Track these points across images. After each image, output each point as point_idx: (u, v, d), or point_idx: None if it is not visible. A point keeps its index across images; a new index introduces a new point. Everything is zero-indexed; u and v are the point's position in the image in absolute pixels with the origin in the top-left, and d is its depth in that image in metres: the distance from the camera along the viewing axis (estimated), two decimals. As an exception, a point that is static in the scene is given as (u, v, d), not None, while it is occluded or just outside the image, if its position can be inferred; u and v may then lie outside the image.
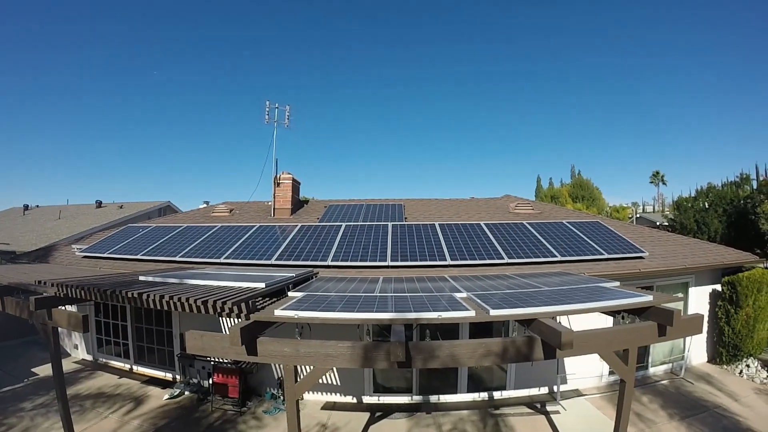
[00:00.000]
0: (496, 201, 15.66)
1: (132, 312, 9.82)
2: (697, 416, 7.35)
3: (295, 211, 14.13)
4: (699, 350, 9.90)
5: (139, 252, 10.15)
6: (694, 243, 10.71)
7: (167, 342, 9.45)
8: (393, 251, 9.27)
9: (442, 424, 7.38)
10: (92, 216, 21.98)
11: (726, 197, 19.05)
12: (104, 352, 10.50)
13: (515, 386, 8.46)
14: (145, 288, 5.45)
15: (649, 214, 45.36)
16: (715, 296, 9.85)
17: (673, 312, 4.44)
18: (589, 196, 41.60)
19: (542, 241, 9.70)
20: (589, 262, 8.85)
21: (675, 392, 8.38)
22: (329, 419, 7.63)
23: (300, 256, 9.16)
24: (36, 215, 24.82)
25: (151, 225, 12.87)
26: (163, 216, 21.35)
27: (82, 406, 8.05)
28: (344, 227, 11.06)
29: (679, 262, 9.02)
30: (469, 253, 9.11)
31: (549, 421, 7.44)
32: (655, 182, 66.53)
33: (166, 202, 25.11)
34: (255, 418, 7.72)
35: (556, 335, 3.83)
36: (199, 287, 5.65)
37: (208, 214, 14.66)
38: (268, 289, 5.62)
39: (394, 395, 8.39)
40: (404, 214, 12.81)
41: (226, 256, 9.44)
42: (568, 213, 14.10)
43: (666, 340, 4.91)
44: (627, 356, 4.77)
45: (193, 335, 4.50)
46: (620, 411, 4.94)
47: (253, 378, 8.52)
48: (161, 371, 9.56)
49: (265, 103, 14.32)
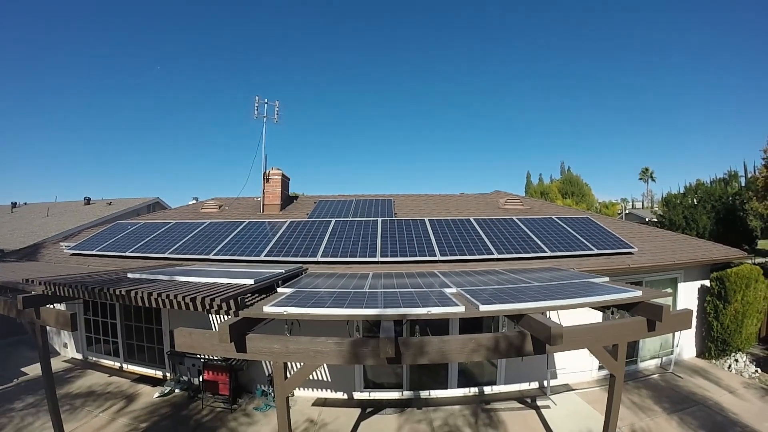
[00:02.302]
0: (486, 197, 15.73)
1: (121, 310, 9.72)
2: (687, 410, 7.43)
3: (284, 206, 14.09)
4: (688, 345, 10.01)
5: (127, 249, 10.07)
6: (683, 239, 10.81)
7: (157, 340, 9.39)
8: (383, 247, 9.27)
9: (433, 420, 7.39)
10: (81, 213, 21.79)
11: (714, 194, 19.27)
12: (94, 351, 10.40)
13: (505, 381, 8.49)
14: (133, 285, 5.42)
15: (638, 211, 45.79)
16: (704, 292, 9.95)
17: (662, 307, 4.47)
18: (578, 192, 41.94)
19: (532, 237, 9.73)
20: (578, 257, 8.90)
21: (665, 386, 8.46)
22: (320, 415, 7.62)
23: (289, 252, 9.13)
24: (24, 213, 24.53)
25: (140, 222, 12.76)
26: (152, 212, 21.20)
27: (72, 405, 7.98)
28: (334, 223, 11.04)
29: (668, 257, 9.09)
30: (459, 248, 9.12)
31: (539, 415, 7.48)
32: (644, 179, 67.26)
33: (155, 199, 24.95)
34: (246, 414, 7.69)
35: (545, 330, 3.84)
36: (188, 284, 5.62)
37: (198, 211, 14.59)
38: (257, 286, 5.60)
39: (385, 391, 8.40)
40: (394, 210, 12.80)
41: (216, 252, 9.39)
42: (557, 209, 14.18)
43: (655, 335, 4.95)
44: (617, 351, 4.80)
45: (182, 332, 4.47)
46: (610, 405, 4.98)
47: (243, 375, 8.48)
48: (151, 369, 9.49)
49: (254, 99, 14.30)
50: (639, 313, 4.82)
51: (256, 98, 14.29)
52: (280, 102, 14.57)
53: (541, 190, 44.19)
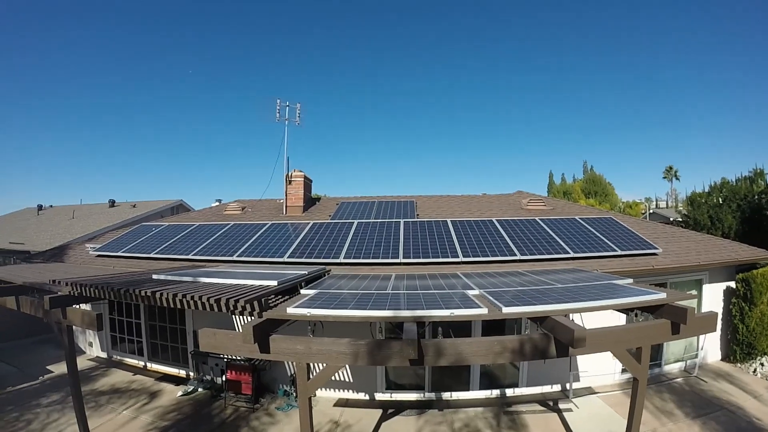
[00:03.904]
0: (508, 197, 15.62)
1: (145, 310, 9.92)
2: (710, 415, 7.28)
3: (307, 208, 14.20)
4: (713, 348, 9.80)
5: (152, 251, 10.24)
6: (708, 239, 10.59)
7: (181, 339, 9.55)
8: (405, 248, 9.27)
9: (454, 422, 7.38)
10: (105, 215, 22.15)
11: (740, 192, 18.84)
12: (118, 350, 10.63)
13: (527, 384, 8.44)
14: (158, 286, 5.52)
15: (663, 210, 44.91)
16: (729, 293, 9.74)
17: (686, 310, 4.40)
18: (601, 192, 41.31)
19: (555, 238, 9.64)
20: (602, 258, 8.78)
21: (688, 390, 8.31)
22: (341, 416, 7.66)
23: (312, 254, 9.19)
24: (50, 215, 25.08)
25: (164, 223, 13.00)
26: (176, 214, 21.48)
27: (96, 403, 8.18)
28: (356, 224, 11.07)
29: (692, 258, 8.91)
30: (481, 249, 9.07)
31: (561, 419, 7.42)
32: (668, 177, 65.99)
33: (179, 201, 25.18)
34: (268, 414, 7.78)
35: (569, 333, 3.82)
36: (212, 285, 5.70)
37: (221, 213, 14.77)
38: (280, 287, 5.66)
39: (406, 392, 8.42)
40: (416, 211, 12.81)
41: (239, 254, 9.48)
42: (580, 209, 14.02)
43: (679, 339, 4.87)
44: (640, 354, 4.73)
45: (207, 333, 4.54)
46: (633, 409, 4.91)
47: (265, 375, 8.58)
48: (175, 368, 9.66)
49: (276, 102, 14.39)
50: (663, 316, 4.75)
51: (277, 101, 14.38)
52: (301, 104, 14.63)
53: (564, 189, 43.62)
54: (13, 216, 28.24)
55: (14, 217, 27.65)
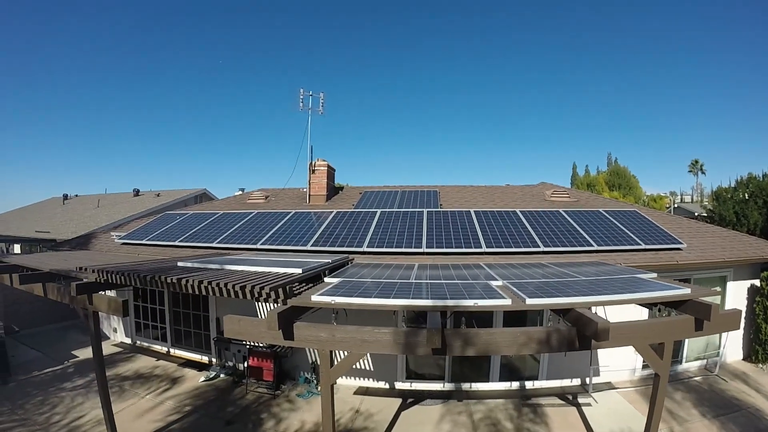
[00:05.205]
0: (531, 188, 15.49)
1: (169, 297, 10.13)
2: (729, 416, 7.17)
3: (330, 197, 14.31)
4: (734, 347, 9.65)
5: (176, 239, 10.42)
6: (733, 235, 10.38)
7: (204, 326, 9.74)
8: (428, 238, 9.27)
9: (473, 413, 7.42)
10: (130, 204, 22.55)
11: (766, 188, 18.41)
12: (142, 336, 10.90)
13: (547, 376, 8.44)
14: (184, 273, 5.61)
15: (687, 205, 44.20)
16: (753, 291, 9.56)
17: (711, 306, 4.32)
18: (625, 185, 40.73)
19: (578, 230, 9.54)
20: (625, 252, 8.67)
21: (708, 390, 8.20)
22: (362, 404, 7.76)
23: (335, 243, 9.25)
24: (75, 204, 25.64)
25: (188, 212, 13.20)
26: (200, 203, 21.81)
27: (120, 387, 8.42)
28: (379, 214, 11.09)
29: (717, 254, 8.76)
30: (504, 240, 9.02)
31: (580, 413, 7.40)
32: (693, 171, 64.59)
33: (202, 190, 25.49)
34: (288, 401, 7.91)
35: (592, 325, 3.79)
36: (237, 272, 5.79)
37: (244, 201, 14.96)
38: (304, 275, 5.72)
39: (427, 382, 8.49)
40: (439, 201, 12.79)
41: (263, 242, 9.58)
42: (604, 201, 13.86)
43: (702, 335, 4.78)
44: (662, 350, 4.65)
45: (231, 320, 4.62)
46: (653, 406, 4.84)
47: (287, 362, 8.72)
48: (197, 354, 9.88)
49: (299, 91, 14.49)
50: (686, 312, 4.66)
51: (300, 90, 14.50)
52: (324, 94, 14.75)
53: (588, 181, 43.03)
54: (39, 205, 28.91)
55: (40, 206, 28.28)
